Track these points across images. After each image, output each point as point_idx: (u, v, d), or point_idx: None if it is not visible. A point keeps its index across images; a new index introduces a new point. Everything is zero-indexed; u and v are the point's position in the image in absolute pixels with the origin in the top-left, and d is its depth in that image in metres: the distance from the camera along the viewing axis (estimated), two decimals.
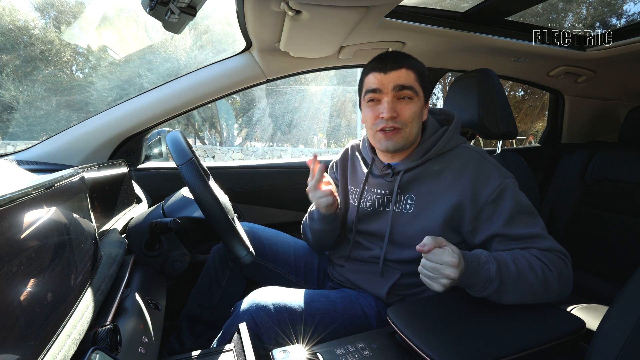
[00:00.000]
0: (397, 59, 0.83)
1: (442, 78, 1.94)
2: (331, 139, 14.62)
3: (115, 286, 0.62)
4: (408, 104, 0.82)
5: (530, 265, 0.73)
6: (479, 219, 0.80)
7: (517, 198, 0.80)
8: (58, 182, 0.47)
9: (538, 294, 0.72)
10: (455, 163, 0.84)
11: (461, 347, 0.62)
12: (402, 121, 0.82)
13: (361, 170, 0.99)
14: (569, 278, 0.76)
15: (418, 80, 0.83)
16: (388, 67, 0.82)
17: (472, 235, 0.83)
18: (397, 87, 0.81)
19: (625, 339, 0.51)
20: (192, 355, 0.65)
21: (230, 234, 0.76)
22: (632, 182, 1.37)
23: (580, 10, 6.67)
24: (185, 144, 0.79)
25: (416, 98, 0.83)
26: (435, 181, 0.85)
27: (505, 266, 0.71)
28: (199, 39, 11.54)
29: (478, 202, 0.80)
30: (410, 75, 0.82)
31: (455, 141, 0.89)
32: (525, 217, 0.79)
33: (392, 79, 0.81)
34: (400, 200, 0.88)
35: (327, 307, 0.83)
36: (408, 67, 0.82)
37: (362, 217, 0.96)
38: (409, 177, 0.87)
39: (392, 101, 0.82)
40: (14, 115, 10.24)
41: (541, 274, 0.72)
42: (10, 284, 0.33)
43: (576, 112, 1.85)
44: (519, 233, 0.78)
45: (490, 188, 0.79)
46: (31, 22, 10.22)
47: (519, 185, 0.84)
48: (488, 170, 0.82)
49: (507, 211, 0.78)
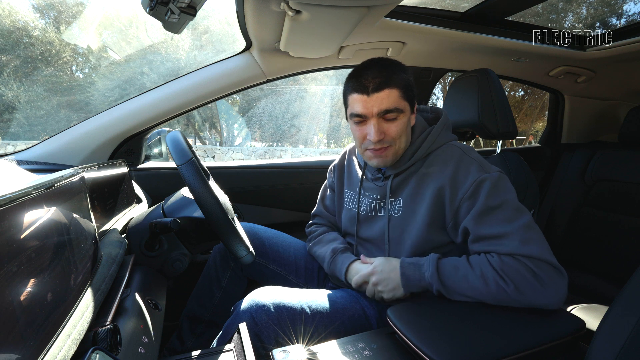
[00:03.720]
0: (379, 80, 0.79)
1: (442, 78, 1.94)
2: (331, 139, 14.63)
3: (115, 286, 0.62)
4: (394, 123, 0.82)
5: (482, 275, 0.72)
6: (458, 215, 0.80)
7: (493, 194, 0.76)
8: (58, 182, 0.47)
9: (492, 301, 0.72)
10: (439, 162, 0.84)
11: (461, 348, 0.62)
12: (389, 140, 0.83)
13: (356, 174, 1.01)
14: (537, 290, 0.69)
15: (403, 96, 0.81)
16: (370, 89, 0.79)
17: (454, 233, 0.82)
18: (381, 112, 0.80)
19: (625, 339, 0.51)
20: (192, 355, 0.65)
21: (231, 234, 0.76)
22: (632, 182, 1.37)
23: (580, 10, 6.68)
24: (185, 144, 0.79)
25: (401, 115, 0.82)
26: (419, 183, 0.85)
27: (447, 270, 0.76)
28: (199, 39, 11.55)
29: (456, 199, 0.79)
30: (394, 94, 0.80)
31: (442, 139, 0.88)
32: (498, 214, 0.75)
33: (376, 103, 0.80)
34: (391, 204, 0.89)
35: (327, 307, 0.83)
36: (391, 87, 0.79)
37: (361, 223, 0.97)
38: (398, 181, 0.88)
39: (378, 123, 0.81)
40: (14, 115, 10.24)
41: (494, 286, 0.71)
42: (10, 284, 0.33)
43: (576, 112, 1.85)
44: (485, 233, 0.75)
45: (467, 184, 0.78)
46: (31, 22, 10.22)
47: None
48: (468, 166, 0.80)
49: (478, 208, 0.76)
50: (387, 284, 0.81)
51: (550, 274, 0.69)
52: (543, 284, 0.68)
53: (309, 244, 1.09)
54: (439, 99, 9.13)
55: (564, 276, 0.71)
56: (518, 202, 0.78)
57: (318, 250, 1.04)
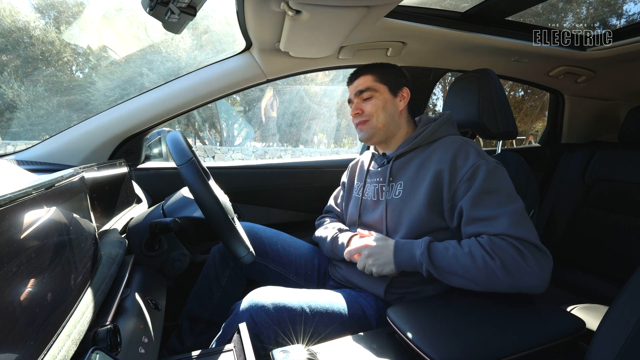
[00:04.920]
0: (359, 71, 1.02)
1: (442, 78, 1.94)
2: (331, 139, 14.62)
3: (115, 286, 0.62)
4: (370, 101, 0.98)
5: (470, 252, 0.75)
6: (455, 197, 0.83)
7: (490, 178, 0.80)
8: (58, 182, 0.47)
9: (480, 281, 0.74)
10: (440, 148, 0.89)
11: (461, 347, 0.62)
12: (366, 114, 0.98)
13: (366, 165, 1.08)
14: (522, 269, 0.71)
15: (377, 80, 0.98)
16: (352, 79, 1.03)
17: (449, 216, 0.85)
18: (357, 92, 1.00)
19: (625, 339, 0.51)
20: (192, 355, 0.65)
21: (230, 234, 0.76)
22: (632, 182, 1.37)
23: (580, 10, 6.67)
24: (185, 144, 0.79)
25: (377, 94, 0.98)
26: (420, 166, 0.90)
27: (438, 250, 0.78)
28: (199, 39, 11.55)
29: (455, 181, 0.83)
30: (367, 79, 0.99)
31: (444, 131, 0.95)
32: (492, 198, 0.78)
33: (354, 87, 1.01)
34: (392, 188, 0.94)
35: (327, 307, 0.83)
36: (365, 73, 1.00)
37: (364, 208, 1.02)
38: (399, 164, 0.95)
39: (358, 103, 1.00)
40: (15, 115, 10.24)
41: (481, 262, 0.73)
42: (10, 284, 0.33)
43: (576, 112, 1.85)
44: (478, 215, 0.79)
45: (466, 167, 0.83)
46: (32, 22, 10.22)
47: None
48: (467, 151, 0.86)
49: (475, 190, 0.79)
50: (378, 257, 0.85)
51: (537, 255, 0.73)
52: (528, 264, 0.71)
53: (316, 232, 1.14)
54: (439, 99, 9.12)
55: (550, 259, 0.74)
56: (512, 190, 0.82)
57: (322, 232, 1.09)
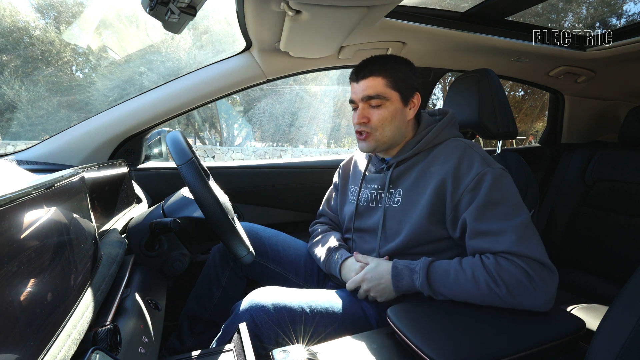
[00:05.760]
0: (369, 67, 0.87)
1: (442, 78, 1.94)
2: (331, 139, 14.62)
3: (115, 286, 0.62)
4: (378, 110, 0.87)
5: (473, 277, 0.72)
6: (459, 208, 0.79)
7: (495, 188, 0.76)
8: (58, 182, 0.47)
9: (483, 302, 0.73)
10: (442, 154, 0.85)
11: (461, 348, 0.62)
12: (372, 126, 0.88)
13: (361, 169, 1.04)
14: (528, 292, 0.69)
15: (389, 85, 0.86)
16: (359, 76, 0.88)
17: (452, 227, 0.82)
18: (365, 97, 0.87)
19: (625, 339, 0.51)
20: (192, 355, 0.65)
21: (230, 234, 0.76)
22: (632, 182, 1.37)
23: (580, 10, 6.67)
24: (185, 144, 0.79)
25: (387, 103, 0.86)
26: (422, 174, 0.86)
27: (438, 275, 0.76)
28: (199, 39, 11.54)
29: (458, 191, 0.79)
30: (379, 82, 0.85)
31: (446, 134, 0.90)
32: (497, 210, 0.75)
33: (362, 89, 0.87)
34: (391, 195, 0.90)
35: (327, 307, 0.83)
36: (377, 74, 0.86)
37: (359, 214, 0.99)
38: (399, 171, 0.90)
39: (363, 109, 0.88)
40: (15, 115, 10.24)
41: (485, 288, 0.71)
42: (10, 284, 0.33)
43: (576, 112, 1.85)
44: (483, 228, 0.75)
45: (470, 177, 0.79)
46: (32, 22, 10.22)
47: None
48: (471, 159, 0.81)
49: (479, 202, 0.76)
50: (378, 289, 0.83)
51: (543, 275, 0.70)
52: (535, 285, 0.69)
53: (310, 243, 1.11)
54: (439, 99, 9.12)
55: (556, 276, 0.72)
56: (518, 199, 0.78)
57: (315, 250, 1.06)
